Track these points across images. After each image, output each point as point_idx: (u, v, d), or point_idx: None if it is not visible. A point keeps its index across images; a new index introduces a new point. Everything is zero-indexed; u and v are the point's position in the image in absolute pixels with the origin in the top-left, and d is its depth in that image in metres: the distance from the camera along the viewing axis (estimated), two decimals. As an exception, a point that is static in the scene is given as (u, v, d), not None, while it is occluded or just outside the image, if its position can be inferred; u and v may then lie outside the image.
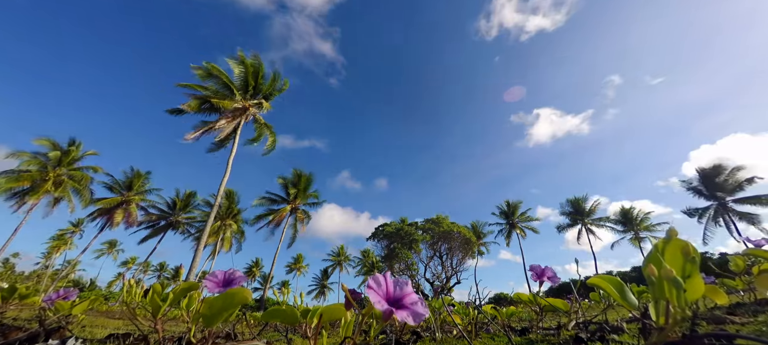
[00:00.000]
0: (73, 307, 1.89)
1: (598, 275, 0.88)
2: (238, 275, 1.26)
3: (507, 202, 35.80)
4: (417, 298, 0.74)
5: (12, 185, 20.79)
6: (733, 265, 2.01)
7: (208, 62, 17.08)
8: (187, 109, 17.20)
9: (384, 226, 26.17)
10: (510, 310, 2.42)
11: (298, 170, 27.63)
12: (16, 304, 2.20)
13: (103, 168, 25.57)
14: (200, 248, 14.74)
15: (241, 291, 1.10)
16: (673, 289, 0.65)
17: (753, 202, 24.83)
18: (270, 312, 1.17)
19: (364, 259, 37.01)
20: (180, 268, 1.64)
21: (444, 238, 25.06)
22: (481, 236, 33.74)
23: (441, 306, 2.26)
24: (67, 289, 1.88)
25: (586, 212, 33.95)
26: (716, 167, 26.44)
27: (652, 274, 0.68)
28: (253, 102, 18.75)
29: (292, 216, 27.84)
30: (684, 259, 0.67)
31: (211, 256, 30.46)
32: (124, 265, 53.52)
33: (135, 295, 1.42)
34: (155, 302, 1.31)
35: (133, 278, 1.49)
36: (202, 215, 29.77)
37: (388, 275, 0.77)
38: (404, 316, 0.67)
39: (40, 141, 22.61)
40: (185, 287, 1.34)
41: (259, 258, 54.23)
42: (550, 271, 1.57)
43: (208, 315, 1.10)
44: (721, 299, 0.73)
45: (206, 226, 15.23)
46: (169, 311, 1.37)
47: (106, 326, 3.02)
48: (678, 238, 0.69)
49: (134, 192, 27.19)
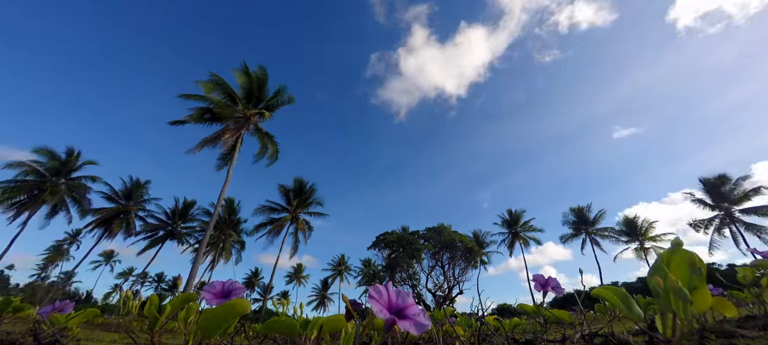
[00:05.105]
0: (68, 320, 1.86)
1: (603, 286, 0.86)
2: (238, 286, 1.24)
3: (509, 211, 35.61)
4: (419, 310, 0.73)
5: (9, 196, 20.79)
6: (741, 277, 1.98)
7: (212, 73, 17.38)
8: (189, 120, 17.39)
9: (385, 234, 25.95)
10: (514, 322, 2.38)
11: (300, 178, 27.59)
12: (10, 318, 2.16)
13: (101, 178, 25.62)
14: (199, 258, 14.61)
15: (240, 302, 1.08)
16: (679, 301, 0.64)
17: (759, 212, 24.51)
18: (269, 324, 1.15)
19: (365, 268, 36.53)
20: (178, 278, 1.62)
21: (446, 247, 24.79)
22: (483, 245, 33.38)
23: (443, 317, 2.22)
24: (63, 301, 1.86)
25: (590, 222, 33.64)
26: (721, 177, 26.25)
27: (657, 286, 0.67)
28: (255, 111, 18.97)
29: (292, 225, 27.67)
30: (690, 271, 0.66)
31: (210, 266, 30.12)
32: (122, 276, 52.89)
33: (132, 307, 1.40)
34: (152, 314, 1.29)
35: (130, 290, 1.47)
36: (202, 225, 29.60)
37: (390, 285, 0.76)
38: (407, 326, 0.66)
39: (38, 151, 22.75)
40: (183, 298, 1.32)
41: (258, 268, 53.63)
42: (554, 281, 1.55)
43: (207, 327, 1.08)
44: (730, 312, 0.72)
45: (205, 236, 15.13)
46: (166, 323, 1.35)
47: (102, 340, 2.96)
48: (684, 249, 0.68)
49: (133, 202, 27.14)
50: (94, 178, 25.24)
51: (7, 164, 21.38)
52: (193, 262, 14.71)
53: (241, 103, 18.43)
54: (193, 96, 17.51)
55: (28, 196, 21.80)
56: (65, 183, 23.72)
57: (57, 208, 23.84)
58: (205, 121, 17.88)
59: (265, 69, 18.98)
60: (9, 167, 21.40)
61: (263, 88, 19.14)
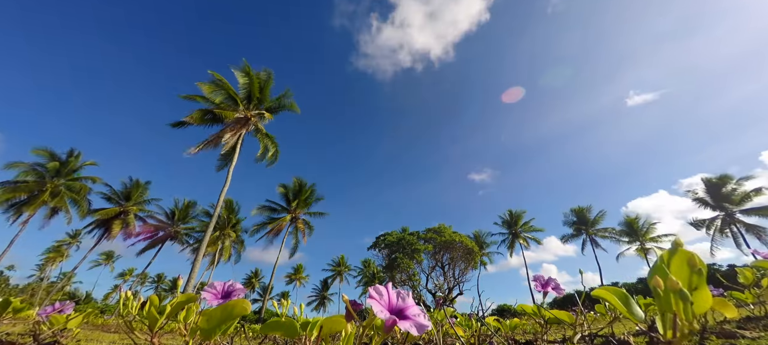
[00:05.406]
0: (68, 321, 1.86)
1: (603, 287, 0.86)
2: (238, 287, 1.24)
3: (510, 211, 35.60)
4: (419, 310, 0.73)
5: (9, 196, 20.78)
6: (741, 278, 1.98)
7: (213, 73, 17.37)
8: (190, 121, 17.38)
9: (385, 235, 25.93)
10: (514, 323, 2.37)
11: (299, 179, 27.58)
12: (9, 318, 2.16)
13: (101, 178, 25.63)
14: (199, 259, 14.59)
15: (240, 303, 1.08)
16: (680, 301, 0.63)
17: (761, 213, 24.41)
18: (269, 324, 1.14)
19: (365, 269, 36.50)
20: (178, 279, 1.62)
21: (446, 248, 24.78)
22: (483, 246, 33.35)
23: (443, 318, 2.21)
24: (63, 302, 1.85)
25: (590, 222, 33.61)
26: (723, 177, 26.20)
27: (658, 286, 0.67)
28: (255, 112, 18.97)
29: (292, 225, 27.64)
30: (690, 271, 0.66)
31: (209, 266, 30.10)
32: (121, 276, 52.85)
33: (132, 307, 1.40)
34: (152, 315, 1.29)
35: (129, 290, 1.47)
36: (201, 225, 29.59)
37: (390, 286, 0.76)
38: (407, 326, 0.66)
39: (38, 151, 22.74)
40: (183, 299, 1.31)
41: (258, 268, 53.60)
42: (554, 281, 1.54)
43: (206, 328, 1.08)
44: (730, 312, 0.72)
45: (205, 237, 15.12)
46: (166, 324, 1.34)
47: (102, 340, 2.96)
48: (684, 249, 0.68)
49: (133, 202, 27.13)
50: (94, 179, 25.25)
51: (7, 164, 21.39)
52: (192, 263, 14.71)
53: (241, 104, 18.44)
54: (193, 97, 17.52)
55: (28, 196, 21.80)
56: (65, 184, 23.72)
57: (57, 209, 23.84)
58: (206, 122, 17.89)
59: (270, 72, 19.02)
60: (9, 167, 21.40)
61: (266, 90, 19.14)
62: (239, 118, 18.18)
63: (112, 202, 26.52)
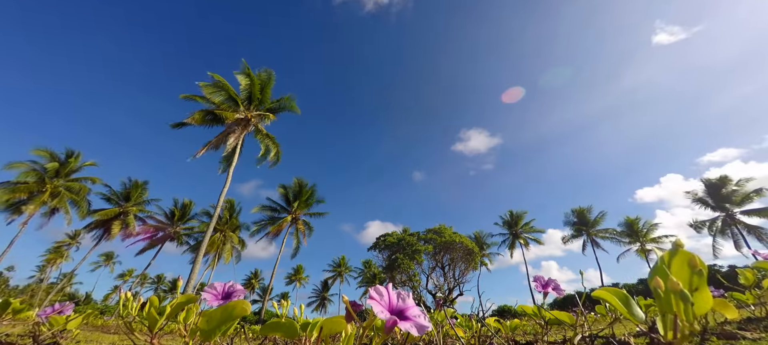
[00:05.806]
0: (68, 322, 1.85)
1: (603, 288, 0.86)
2: (238, 288, 1.24)
3: (510, 212, 35.58)
4: (419, 311, 0.73)
5: (9, 197, 20.77)
6: (742, 279, 1.98)
7: (214, 74, 17.39)
8: (191, 122, 17.39)
9: (385, 236, 25.92)
10: (514, 323, 2.37)
11: (300, 179, 27.58)
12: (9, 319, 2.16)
13: (101, 179, 25.63)
14: (199, 259, 14.58)
15: (240, 303, 1.08)
16: (680, 302, 0.63)
17: (761, 214, 24.36)
18: (269, 325, 1.14)
19: (365, 270, 36.49)
20: (178, 280, 1.62)
21: (446, 249, 24.76)
22: (484, 247, 33.33)
23: (443, 318, 2.21)
24: (63, 303, 1.85)
25: (590, 223, 33.59)
26: (723, 178, 26.19)
27: (658, 287, 0.67)
28: (256, 113, 18.98)
29: (292, 226, 27.63)
30: (691, 272, 0.65)
31: (209, 267, 30.08)
32: (121, 277, 52.83)
33: (131, 308, 1.40)
34: (152, 316, 1.29)
35: (129, 291, 1.47)
36: (201, 226, 29.59)
37: (390, 286, 0.76)
38: (407, 327, 0.66)
39: (38, 151, 22.74)
40: (183, 300, 1.31)
41: (258, 269, 53.56)
42: (554, 282, 1.54)
43: (206, 329, 1.08)
44: (730, 313, 0.72)
45: (205, 237, 15.11)
46: (166, 325, 1.34)
47: (102, 341, 2.95)
48: (684, 250, 0.68)
49: (132, 203, 27.13)
50: (93, 180, 25.25)
51: (7, 164, 21.40)
52: (192, 263, 14.69)
53: (242, 105, 18.45)
54: (194, 97, 17.53)
55: (27, 196, 21.80)
56: (65, 184, 23.73)
57: (56, 209, 23.84)
58: (206, 123, 17.90)
59: (271, 72, 19.01)
60: (9, 167, 21.41)
61: (267, 90, 19.14)
62: (240, 118, 18.19)
63: (112, 202, 26.52)
